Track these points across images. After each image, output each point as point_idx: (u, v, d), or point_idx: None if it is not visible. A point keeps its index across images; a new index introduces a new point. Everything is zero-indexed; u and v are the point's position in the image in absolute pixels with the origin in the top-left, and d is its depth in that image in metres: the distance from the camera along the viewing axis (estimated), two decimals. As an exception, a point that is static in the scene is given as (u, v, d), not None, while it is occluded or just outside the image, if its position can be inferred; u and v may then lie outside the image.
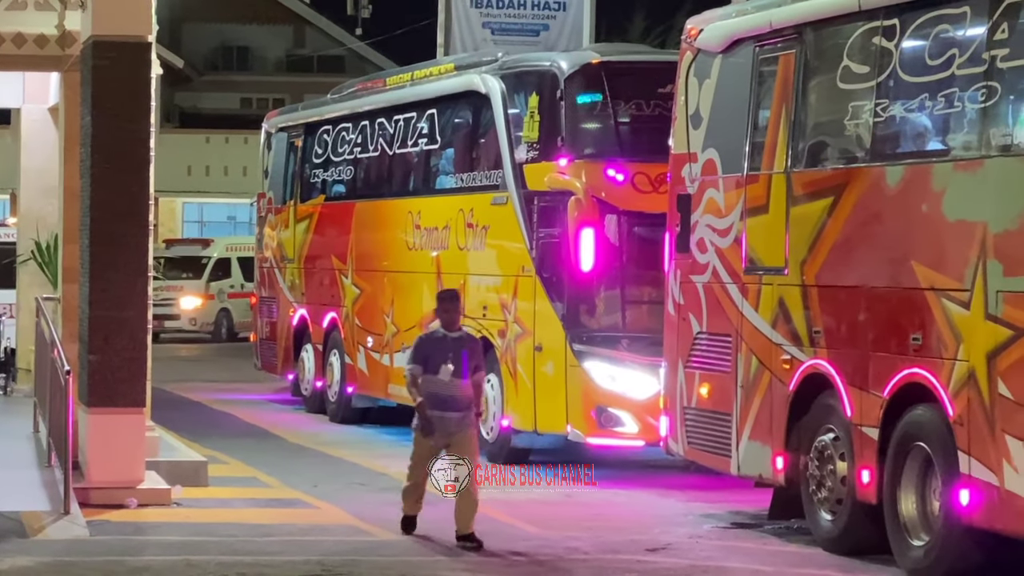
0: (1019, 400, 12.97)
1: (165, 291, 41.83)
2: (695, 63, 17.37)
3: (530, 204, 20.70)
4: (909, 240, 14.25)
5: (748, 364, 16.16)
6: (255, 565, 14.25)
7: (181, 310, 44.18)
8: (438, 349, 15.52)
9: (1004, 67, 13.48)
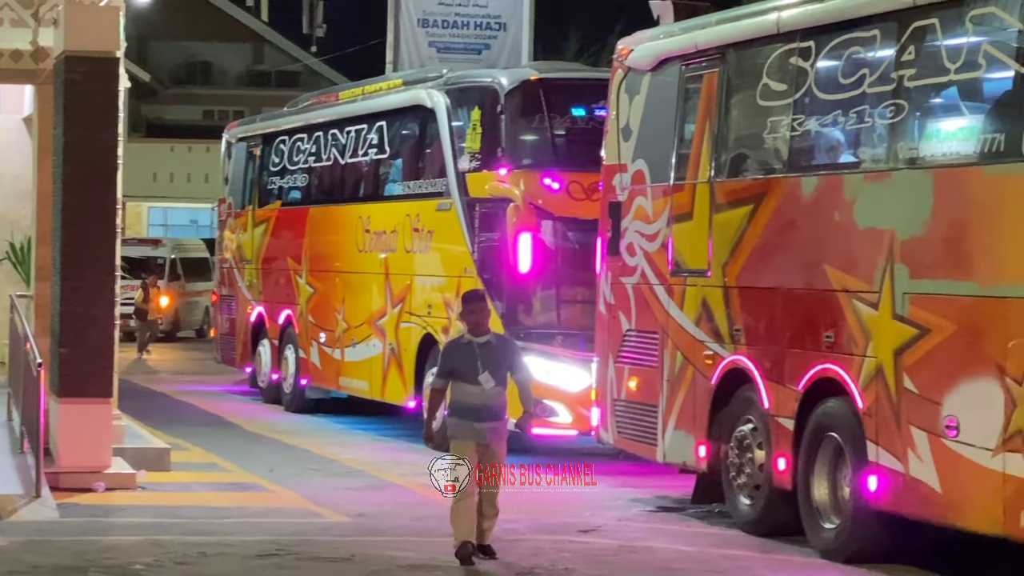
0: (923, 394, 13.03)
1: (129, 290, 41.46)
2: (626, 80, 17.39)
3: (472, 210, 20.71)
4: (823, 245, 14.30)
5: (673, 359, 16.19)
6: (215, 545, 14.20)
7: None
8: (466, 357, 13.64)
9: (911, 86, 13.55)
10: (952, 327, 12.84)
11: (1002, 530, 12.34)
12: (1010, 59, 12.68)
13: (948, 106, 13.50)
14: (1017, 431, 12.09)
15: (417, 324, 21.98)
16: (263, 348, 27.50)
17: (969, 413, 12.59)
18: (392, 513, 16.27)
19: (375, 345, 23.22)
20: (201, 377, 32.61)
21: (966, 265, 12.77)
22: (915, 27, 13.47)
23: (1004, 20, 12.72)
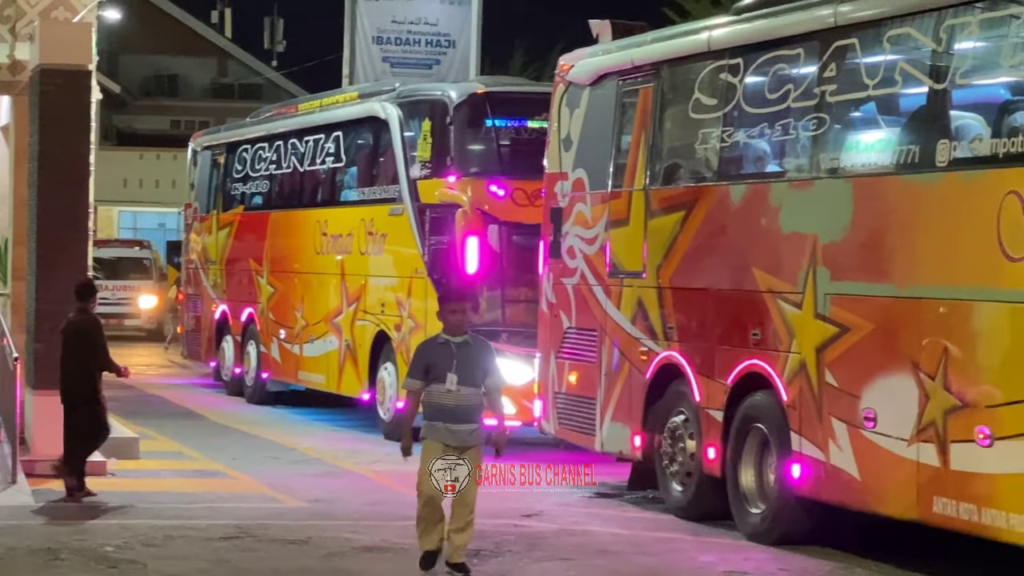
0: (843, 388, 13.07)
1: (121, 291, 41.16)
2: (567, 94, 17.40)
3: (423, 215, 20.69)
4: (750, 249, 14.33)
5: (611, 355, 16.20)
6: (181, 528, 14.16)
7: (139, 309, 42.86)
8: (442, 357, 12.23)
9: (832, 101, 13.60)
10: (870, 326, 12.89)
11: (916, 515, 12.40)
12: (924, 76, 12.74)
13: (867, 119, 13.56)
14: (930, 422, 12.14)
15: (371, 322, 21.96)
16: (227, 344, 27.45)
17: (886, 406, 12.64)
18: (347, 499, 16.24)
19: (332, 341, 23.19)
20: (168, 371, 32.46)
21: (884, 268, 12.82)
22: (836, 46, 13.52)
23: (919, 40, 12.78)
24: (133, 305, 41.39)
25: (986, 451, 11.63)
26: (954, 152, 12.28)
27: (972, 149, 12.22)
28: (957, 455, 11.91)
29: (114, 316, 40.13)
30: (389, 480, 17.63)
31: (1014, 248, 11.45)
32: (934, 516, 12.18)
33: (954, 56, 12.49)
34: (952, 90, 12.53)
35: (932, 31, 12.60)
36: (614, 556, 13.40)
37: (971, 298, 11.89)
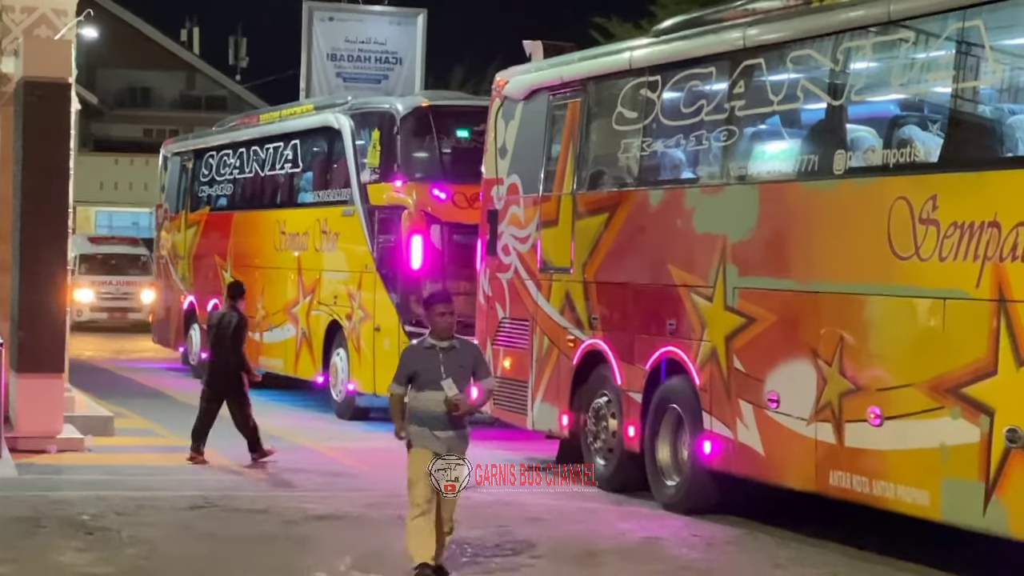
0: (750, 373, 13.13)
1: (125, 286, 40.71)
2: (502, 107, 17.40)
3: (372, 216, 20.68)
4: (667, 247, 14.36)
5: (541, 343, 16.22)
6: (152, 498, 14.11)
7: (141, 303, 42.11)
8: (428, 362, 10.84)
9: (741, 114, 13.65)
10: (774, 317, 12.94)
11: (814, 487, 12.46)
12: (823, 93, 12.80)
13: (772, 132, 13.61)
14: (827, 404, 12.21)
15: (325, 312, 21.93)
16: (194, 331, 27.34)
17: (788, 389, 12.70)
18: (302, 472, 16.21)
19: (289, 329, 23.15)
20: (140, 356, 32.30)
21: (786, 265, 12.88)
22: (745, 65, 13.57)
23: (818, 60, 12.84)
24: (136, 300, 40.96)
25: (877, 430, 11.71)
26: (849, 162, 12.35)
27: (865, 159, 12.30)
28: (851, 433, 11.98)
29: (119, 310, 39.92)
30: (341, 455, 17.62)
31: (902, 248, 11.52)
32: (830, 488, 12.25)
33: (849, 75, 12.57)
34: (848, 106, 12.60)
35: (830, 53, 12.66)
36: (543, 523, 13.42)
37: (864, 292, 11.97)
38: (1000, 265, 10.66)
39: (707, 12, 15.40)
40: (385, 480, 15.76)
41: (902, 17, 11.97)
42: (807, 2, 13.32)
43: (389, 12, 36.40)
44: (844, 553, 12.28)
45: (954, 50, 11.53)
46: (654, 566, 11.76)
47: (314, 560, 11.53)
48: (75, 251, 38.70)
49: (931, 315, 11.29)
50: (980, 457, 10.73)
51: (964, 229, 10.97)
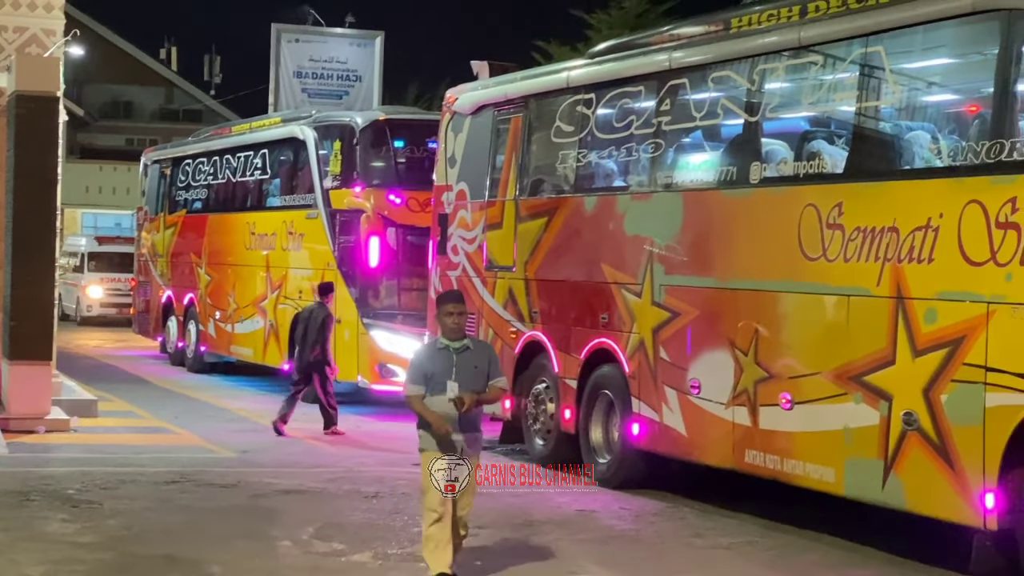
0: (674, 362, 13.17)
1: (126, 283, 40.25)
2: (452, 121, 17.39)
3: (334, 218, 20.62)
4: (600, 248, 14.39)
5: (487, 334, 16.21)
6: (132, 473, 14.03)
7: None
8: (442, 363, 9.56)
9: (667, 129, 13.69)
10: (696, 311, 12.98)
11: (732, 464, 12.52)
12: (740, 110, 12.84)
13: (695, 144, 13.64)
14: (743, 390, 12.26)
15: (290, 305, 21.86)
16: (171, 323, 27.22)
17: (708, 376, 12.74)
18: (269, 450, 16.16)
19: (258, 321, 23.06)
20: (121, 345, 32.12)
21: (707, 264, 12.92)
22: (670, 84, 13.61)
23: (736, 80, 12.89)
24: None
25: (787, 413, 11.76)
26: (764, 172, 12.40)
27: (778, 170, 12.35)
28: (765, 416, 12.03)
29: (127, 306, 39.54)
30: (305, 435, 17.56)
31: (811, 250, 11.58)
32: (746, 465, 12.30)
33: (764, 94, 12.62)
34: (763, 122, 12.65)
35: (747, 74, 12.71)
36: (489, 497, 13.39)
37: (777, 289, 12.02)
38: (898, 266, 10.73)
39: (637, 36, 15.46)
40: (345, 457, 15.77)
41: (811, 42, 12.03)
42: (726, 28, 13.36)
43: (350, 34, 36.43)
44: (758, 524, 12.34)
45: (858, 72, 11.60)
46: (587, 535, 11.78)
47: (280, 530, 11.49)
48: (84, 250, 38.44)
49: (837, 310, 11.35)
50: (880, 438, 10.80)
51: (866, 233, 11.04)
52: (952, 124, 11.13)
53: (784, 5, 12.73)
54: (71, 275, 38.33)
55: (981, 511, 9.96)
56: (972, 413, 10.00)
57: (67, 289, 38.62)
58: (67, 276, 38.62)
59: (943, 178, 10.59)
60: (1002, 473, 9.83)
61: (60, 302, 38.67)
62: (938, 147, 10.94)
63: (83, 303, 37.37)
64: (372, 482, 14.02)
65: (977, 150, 10.26)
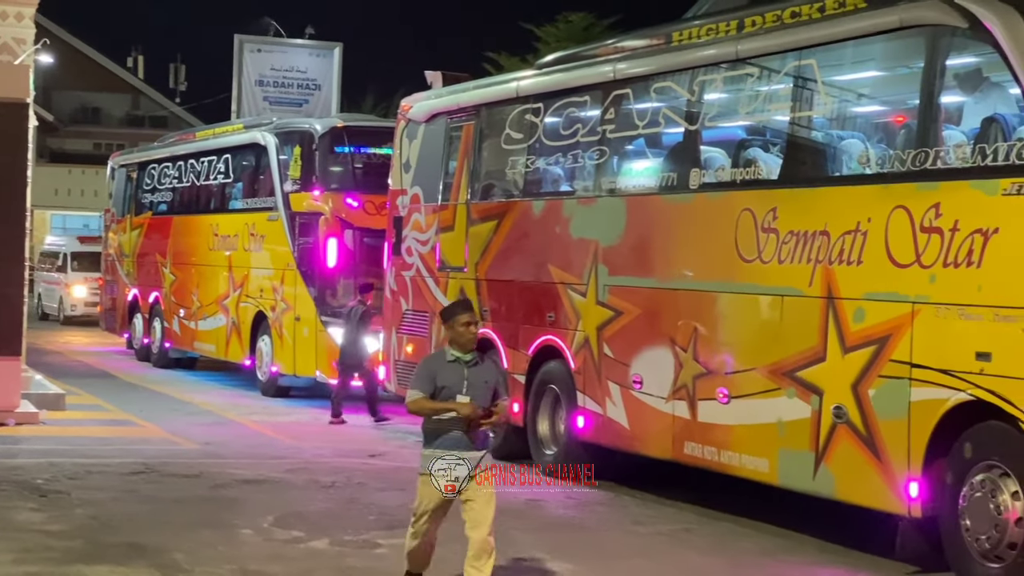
0: (617, 358, 13.20)
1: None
2: (407, 128, 17.36)
3: (294, 221, 20.57)
4: (547, 250, 14.40)
5: (439, 331, 16.18)
6: (98, 464, 13.93)
7: None
8: (453, 377, 8.45)
9: (611, 137, 13.71)
10: (638, 310, 13.02)
11: (672, 455, 12.55)
12: (681, 119, 12.89)
13: (637, 152, 13.68)
14: (683, 385, 12.29)
15: (252, 304, 21.78)
16: (137, 320, 27.06)
17: (649, 372, 12.77)
18: (231, 442, 16.08)
19: (221, 319, 22.95)
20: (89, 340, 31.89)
21: (648, 266, 12.95)
22: (615, 95, 13.63)
23: (677, 91, 12.93)
24: None
25: (724, 407, 11.81)
26: (703, 178, 12.44)
27: (716, 176, 12.40)
28: (703, 410, 12.07)
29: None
30: (265, 428, 17.51)
31: (747, 252, 11.63)
32: (685, 456, 12.34)
33: (704, 104, 12.66)
34: (702, 130, 12.70)
35: (687, 85, 12.75)
36: (440, 487, 13.40)
37: (715, 290, 12.06)
38: (829, 267, 10.79)
39: (583, 48, 15.49)
40: (303, 449, 15.70)
41: (748, 55, 12.08)
42: (668, 41, 13.40)
43: (310, 45, 36.36)
44: (696, 512, 12.38)
45: (792, 84, 11.66)
46: (536, 522, 11.78)
47: (241, 519, 11.44)
48: (66, 250, 38.01)
49: (771, 309, 11.41)
50: (811, 430, 10.85)
51: (799, 237, 11.09)
52: (880, 134, 11.21)
53: (722, 20, 12.80)
54: (54, 275, 37.90)
55: (906, 499, 10.04)
56: (898, 407, 10.07)
57: (49, 289, 38.22)
58: (47, 276, 38.24)
59: (871, 185, 10.66)
60: (925, 464, 9.91)
61: (40, 302, 38.47)
62: (867, 155, 11.01)
63: (67, 302, 36.96)
64: (329, 472, 13.97)
65: (903, 158, 10.33)
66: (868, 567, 10.46)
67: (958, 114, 10.37)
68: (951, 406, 9.68)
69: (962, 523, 9.72)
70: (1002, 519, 9.45)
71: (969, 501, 9.66)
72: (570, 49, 16.44)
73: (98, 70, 61.05)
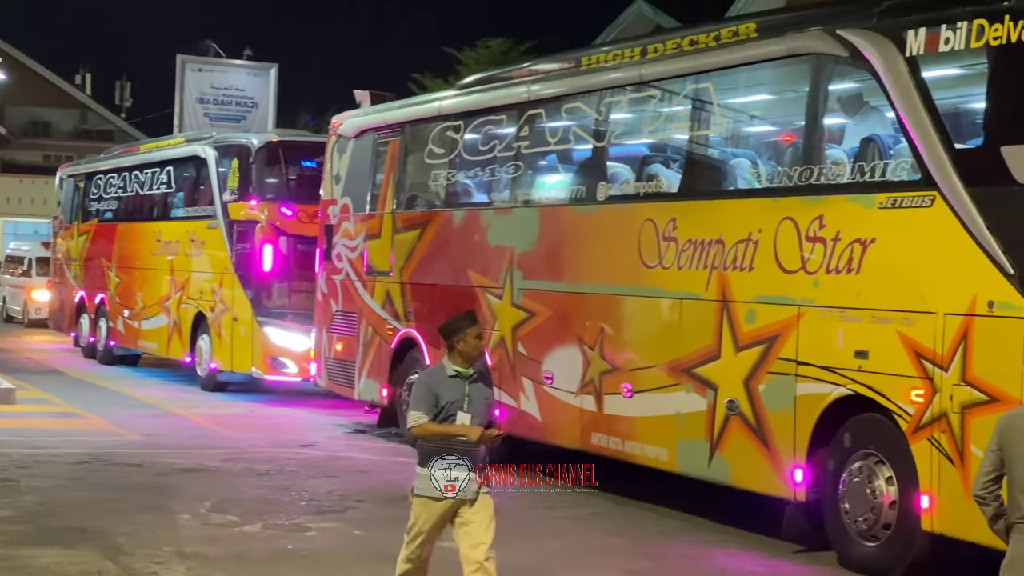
0: (530, 356, 13.24)
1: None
2: (337, 143, 17.32)
3: (232, 228, 20.41)
4: (467, 257, 14.42)
5: (367, 331, 16.18)
6: (46, 454, 13.76)
7: None
8: (455, 393, 7.37)
9: (525, 152, 13.76)
10: (550, 312, 13.07)
11: (579, 445, 12.61)
12: (589, 137, 12.96)
13: (550, 166, 13.74)
14: (590, 380, 12.36)
15: (192, 305, 21.60)
16: (84, 319, 26.72)
17: (560, 368, 12.83)
18: (171, 433, 15.94)
19: (163, 319, 22.74)
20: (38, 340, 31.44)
21: (559, 271, 13.01)
22: (529, 114, 13.69)
23: (586, 111, 13.00)
24: None
25: (628, 401, 11.89)
26: (609, 191, 12.52)
27: (622, 189, 12.48)
28: (608, 403, 12.14)
29: None
30: (204, 420, 17.37)
31: (649, 259, 11.72)
32: (592, 446, 12.40)
33: (610, 123, 12.74)
34: (609, 147, 12.78)
35: (595, 105, 12.83)
36: (367, 474, 13.40)
37: (619, 293, 12.14)
38: (724, 273, 10.90)
39: (500, 71, 15.53)
40: (239, 439, 15.60)
41: (651, 79, 12.18)
42: (578, 65, 13.48)
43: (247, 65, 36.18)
44: (605, 498, 12.43)
45: (690, 106, 11.77)
46: (454, 508, 11.77)
47: (180, 504, 11.36)
48: (31, 255, 37.33)
49: (671, 311, 11.50)
50: (707, 422, 10.96)
51: (697, 245, 11.20)
52: (770, 151, 11.35)
53: (627, 46, 12.90)
54: (18, 279, 37.19)
55: (792, 485, 10.17)
56: (785, 400, 10.20)
57: (13, 292, 37.50)
58: (12, 280, 37.54)
59: (762, 198, 10.79)
60: (809, 452, 10.04)
61: (5, 304, 37.77)
62: (758, 171, 11.14)
63: (31, 306, 36.26)
64: (263, 461, 13.91)
65: (791, 174, 10.47)
66: (757, 546, 10.58)
67: (840, 134, 10.53)
68: (832, 400, 9.82)
69: (842, 506, 9.87)
70: (878, 502, 9.61)
71: (848, 486, 9.81)
72: (488, 71, 16.48)
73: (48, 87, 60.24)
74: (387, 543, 8.55)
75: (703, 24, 12.35)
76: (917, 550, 9.34)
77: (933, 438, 9.02)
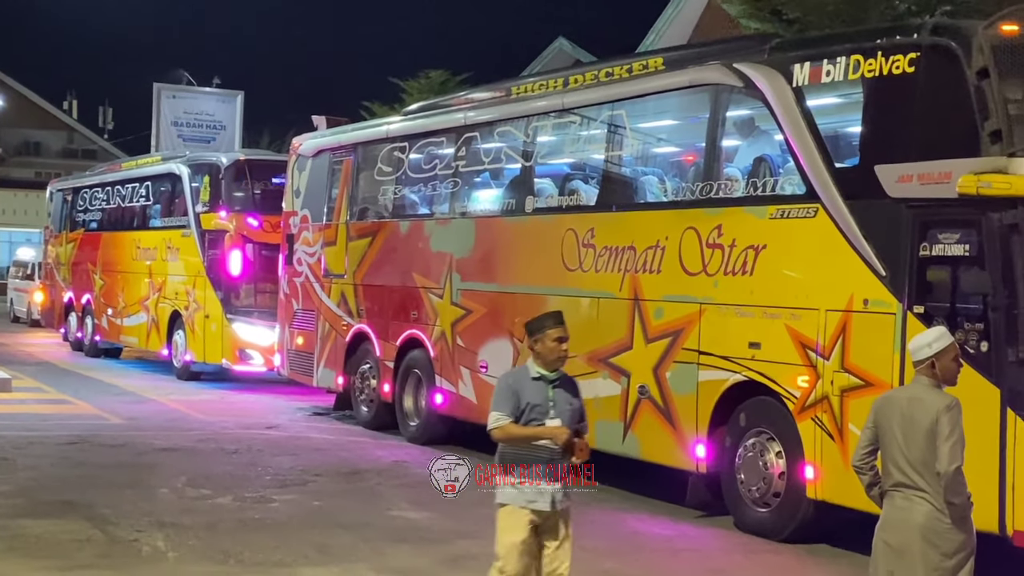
0: (467, 347, 13.21)
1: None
2: (297, 161, 17.19)
3: (204, 236, 20.21)
4: (412, 261, 14.37)
5: (324, 326, 16.07)
6: (39, 436, 13.54)
7: None
8: (539, 397, 6.00)
9: (463, 170, 13.74)
10: (484, 309, 13.06)
11: (511, 425, 12.58)
12: (519, 157, 12.97)
13: (484, 183, 13.73)
14: (520, 369, 12.34)
15: (168, 304, 21.36)
16: (72, 317, 26.34)
17: (493, 358, 12.82)
18: (151, 417, 15.74)
19: (143, 316, 22.47)
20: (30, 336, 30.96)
21: (492, 273, 13.00)
22: (465, 136, 13.67)
23: (516, 134, 13.00)
24: None
25: (553, 386, 11.87)
26: (536, 204, 12.53)
27: (547, 202, 12.49)
28: (536, 388, 12.13)
29: None
30: (180, 406, 17.16)
31: (571, 263, 11.74)
32: (521, 426, 12.38)
33: (537, 145, 12.75)
34: (536, 166, 12.78)
35: (524, 129, 12.83)
36: (324, 452, 13.32)
37: (545, 293, 12.14)
38: (635, 275, 10.94)
39: (441, 99, 15.52)
40: (211, 423, 15.44)
41: (572, 106, 12.20)
42: (508, 93, 13.47)
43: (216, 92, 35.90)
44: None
45: (606, 129, 11.80)
46: (401, 481, 11.75)
47: (158, 480, 11.22)
48: (34, 260, 36.67)
49: (590, 308, 11.52)
50: (621, 405, 10.99)
51: (612, 251, 11.23)
52: (675, 169, 11.41)
53: (551, 77, 12.92)
54: (24, 282, 36.59)
55: (694, 458, 10.22)
56: (688, 385, 10.26)
57: (19, 295, 36.89)
58: (18, 283, 36.93)
59: (668, 210, 10.84)
60: (710, 430, 10.11)
61: (12, 306, 37.14)
62: (665, 186, 11.19)
63: (32, 307, 35.67)
64: (232, 441, 13.77)
65: (693, 189, 10.53)
66: (664, 512, 10.63)
67: (735, 154, 10.60)
68: (730, 385, 9.89)
69: (738, 477, 9.94)
70: (769, 473, 9.69)
71: (743, 460, 9.88)
72: (430, 99, 16.44)
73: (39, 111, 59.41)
74: (342, 512, 8.49)
75: (617, 58, 12.40)
76: (803, 515, 9.43)
77: (817, 417, 9.11)
